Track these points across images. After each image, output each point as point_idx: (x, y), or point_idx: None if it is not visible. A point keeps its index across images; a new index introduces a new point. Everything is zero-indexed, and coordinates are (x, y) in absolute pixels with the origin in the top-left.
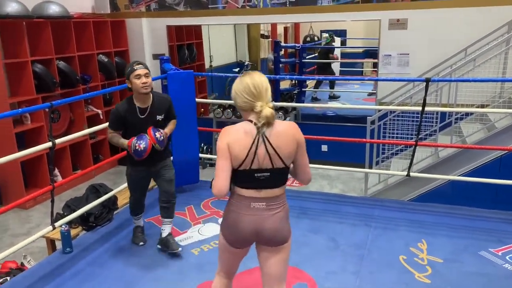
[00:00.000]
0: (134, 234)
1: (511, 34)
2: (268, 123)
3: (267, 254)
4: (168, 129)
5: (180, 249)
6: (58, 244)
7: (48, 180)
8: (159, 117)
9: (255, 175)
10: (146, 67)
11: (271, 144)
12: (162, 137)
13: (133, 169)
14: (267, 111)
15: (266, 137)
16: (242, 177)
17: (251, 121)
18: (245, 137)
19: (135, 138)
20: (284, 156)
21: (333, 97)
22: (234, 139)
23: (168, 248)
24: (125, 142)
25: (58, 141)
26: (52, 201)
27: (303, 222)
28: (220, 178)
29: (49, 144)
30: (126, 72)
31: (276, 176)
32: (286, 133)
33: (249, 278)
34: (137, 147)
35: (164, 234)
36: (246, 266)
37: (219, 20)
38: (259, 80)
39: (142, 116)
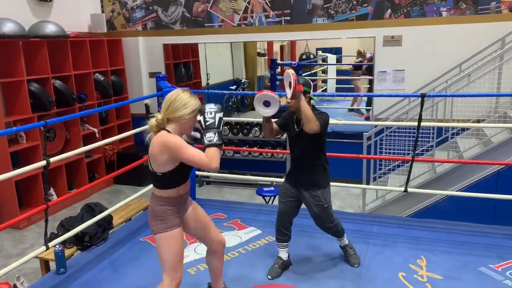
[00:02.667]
0: (272, 265)
1: (504, 50)
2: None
3: None
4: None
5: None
6: (52, 265)
7: (43, 199)
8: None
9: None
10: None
11: (148, 150)
12: (293, 83)
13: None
14: (151, 121)
15: (149, 142)
16: None
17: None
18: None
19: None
20: (152, 162)
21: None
22: None
23: (348, 260)
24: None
25: (53, 159)
26: (46, 221)
27: (302, 240)
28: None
29: (43, 162)
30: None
31: (152, 176)
32: (155, 143)
33: None
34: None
35: (341, 245)
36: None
37: (215, 38)
38: (168, 95)
39: (297, 128)
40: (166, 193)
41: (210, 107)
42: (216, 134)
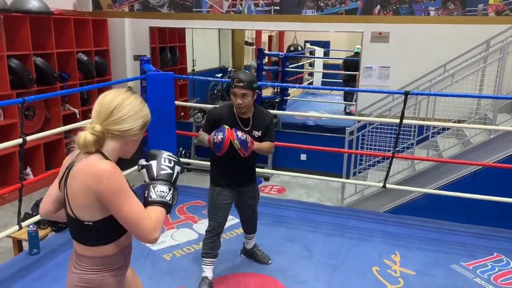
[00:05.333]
0: (200, 286)
1: (489, 52)
2: (80, 150)
3: None
4: (257, 144)
5: (270, 261)
6: (26, 245)
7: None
8: (256, 133)
9: (66, 210)
10: (246, 85)
11: (66, 182)
12: (244, 137)
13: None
14: (81, 135)
15: (70, 170)
16: None
17: None
18: (70, 158)
19: (214, 131)
20: (72, 204)
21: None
22: (69, 155)
23: (257, 260)
24: (206, 137)
25: (29, 138)
26: (20, 200)
27: (279, 230)
28: (44, 198)
29: (20, 140)
30: (230, 81)
31: (71, 226)
32: (78, 177)
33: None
34: (215, 139)
35: (249, 246)
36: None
37: (202, 24)
38: (108, 96)
39: (246, 129)
40: (102, 251)
41: (169, 154)
42: (171, 191)
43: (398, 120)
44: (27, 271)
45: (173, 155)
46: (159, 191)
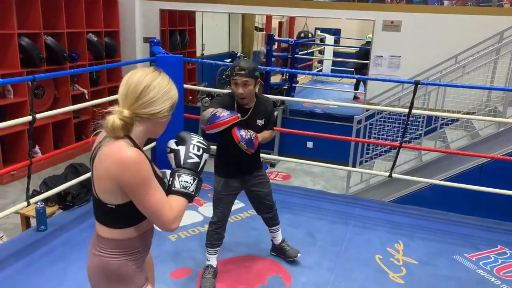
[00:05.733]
0: (204, 276)
1: (502, 44)
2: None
3: None
4: (259, 135)
5: (299, 254)
6: (33, 222)
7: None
8: (259, 122)
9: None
10: (248, 73)
11: (93, 163)
12: (248, 136)
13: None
14: (109, 119)
15: (97, 152)
16: None
17: None
18: (99, 138)
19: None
20: (96, 187)
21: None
22: (99, 135)
23: (285, 256)
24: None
25: (39, 116)
26: (29, 177)
27: (284, 216)
28: None
29: (29, 118)
30: (230, 69)
31: (95, 206)
32: (103, 162)
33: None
34: (218, 113)
35: (277, 242)
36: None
37: (213, 7)
38: (135, 77)
39: (243, 118)
40: (122, 234)
41: (199, 140)
42: (195, 182)
43: (407, 110)
44: (34, 247)
45: (203, 141)
46: (183, 181)
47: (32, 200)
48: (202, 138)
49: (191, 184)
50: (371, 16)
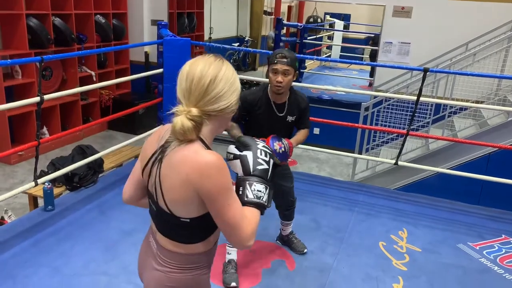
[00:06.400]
0: (228, 271)
1: None
2: (176, 138)
3: None
4: (294, 140)
5: (305, 250)
6: (41, 202)
7: (35, 136)
8: (290, 118)
9: (149, 199)
10: (290, 62)
11: (159, 172)
12: (282, 149)
13: None
14: (177, 121)
15: (162, 157)
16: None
17: None
18: (155, 141)
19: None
20: (167, 198)
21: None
22: (151, 136)
23: (291, 248)
24: (237, 134)
25: (47, 97)
26: (37, 157)
27: None
28: (127, 181)
29: (37, 99)
30: (269, 57)
31: (160, 219)
32: (178, 169)
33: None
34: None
35: (285, 233)
36: None
37: None
38: (197, 68)
39: (281, 114)
40: (194, 249)
41: (264, 145)
42: (267, 191)
43: (415, 98)
44: (41, 227)
45: (267, 146)
46: (256, 190)
47: (39, 181)
48: (264, 144)
49: (264, 194)
50: (382, 1)
